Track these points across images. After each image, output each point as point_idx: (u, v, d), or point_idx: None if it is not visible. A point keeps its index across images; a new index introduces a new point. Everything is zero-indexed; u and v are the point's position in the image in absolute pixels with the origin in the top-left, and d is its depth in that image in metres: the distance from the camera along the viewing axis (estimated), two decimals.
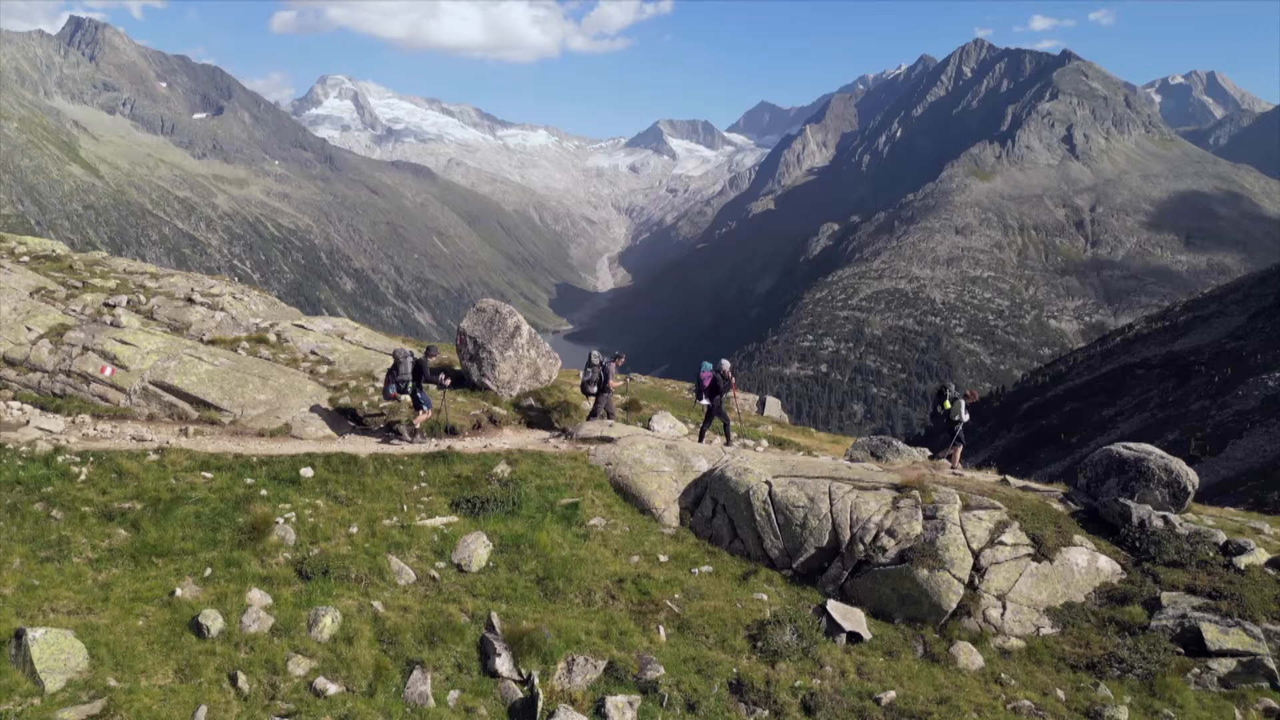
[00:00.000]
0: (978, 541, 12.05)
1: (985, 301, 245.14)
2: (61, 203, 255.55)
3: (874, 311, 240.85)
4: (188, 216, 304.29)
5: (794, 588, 12.48)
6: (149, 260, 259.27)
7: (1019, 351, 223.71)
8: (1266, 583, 11.03)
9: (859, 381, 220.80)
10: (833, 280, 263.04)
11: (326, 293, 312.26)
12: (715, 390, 18.51)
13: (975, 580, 11.64)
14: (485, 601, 11.31)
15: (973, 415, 19.66)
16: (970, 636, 11.16)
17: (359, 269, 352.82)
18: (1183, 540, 12.03)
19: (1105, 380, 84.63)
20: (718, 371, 18.45)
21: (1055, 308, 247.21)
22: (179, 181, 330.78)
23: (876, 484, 13.65)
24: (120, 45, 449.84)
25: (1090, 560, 11.98)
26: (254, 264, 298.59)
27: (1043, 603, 11.50)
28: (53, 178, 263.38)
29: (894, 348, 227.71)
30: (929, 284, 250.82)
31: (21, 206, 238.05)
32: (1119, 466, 14.01)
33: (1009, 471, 57.67)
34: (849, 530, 12.66)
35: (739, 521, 13.68)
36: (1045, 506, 13.26)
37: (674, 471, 15.39)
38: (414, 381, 17.40)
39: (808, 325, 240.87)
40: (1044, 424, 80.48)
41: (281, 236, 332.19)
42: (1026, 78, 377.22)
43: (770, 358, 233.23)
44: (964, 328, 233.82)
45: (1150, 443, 51.51)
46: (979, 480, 15.19)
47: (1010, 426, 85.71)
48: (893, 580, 11.90)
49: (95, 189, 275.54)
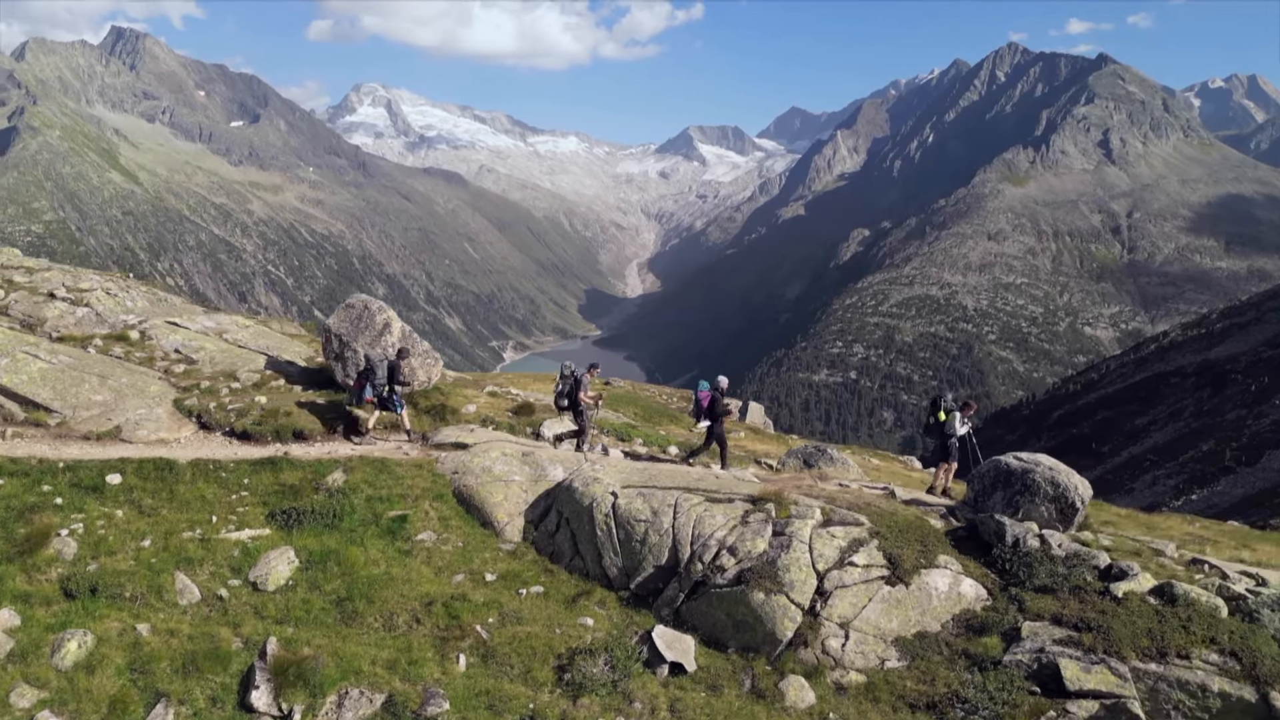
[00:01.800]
0: (825, 561, 10.92)
1: (1018, 308, 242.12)
2: (101, 209, 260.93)
3: (905, 318, 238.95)
4: (224, 223, 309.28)
5: (628, 611, 11.48)
6: (185, 266, 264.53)
7: (1053, 359, 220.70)
8: (1143, 613, 9.67)
9: (889, 389, 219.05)
10: (863, 286, 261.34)
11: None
12: (715, 411, 17.33)
13: (817, 605, 10.48)
14: (271, 624, 10.36)
15: (1002, 425, 18.64)
16: (805, 669, 10.02)
17: (391, 274, 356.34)
18: (1058, 563, 10.79)
19: (1138, 388, 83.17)
20: (716, 390, 17.28)
21: (1090, 315, 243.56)
22: (215, 188, 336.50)
23: (732, 496, 12.67)
24: (160, 55, 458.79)
25: (952, 584, 10.80)
26: (287, 269, 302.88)
27: (892, 632, 10.31)
28: (93, 184, 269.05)
29: (925, 354, 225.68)
30: (961, 290, 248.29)
31: (63, 213, 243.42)
32: (1006, 479, 12.80)
33: None
34: (689, 547, 11.59)
35: (581, 537, 12.67)
36: (920, 523, 12.16)
37: (525, 481, 14.52)
38: (389, 384, 17.05)
39: (837, 331, 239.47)
40: (1075, 432, 79.29)
41: (315, 242, 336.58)
42: (1061, 82, 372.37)
43: (799, 364, 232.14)
44: (996, 335, 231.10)
45: (1185, 453, 50.64)
46: (862, 492, 14.15)
47: (1040, 435, 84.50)
48: (728, 604, 10.79)
49: (134, 196, 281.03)
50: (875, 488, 15.28)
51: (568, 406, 17.65)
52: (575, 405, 17.54)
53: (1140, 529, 18.65)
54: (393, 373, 17.10)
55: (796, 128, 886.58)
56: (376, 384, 17.11)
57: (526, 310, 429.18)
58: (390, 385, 17.18)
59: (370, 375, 17.08)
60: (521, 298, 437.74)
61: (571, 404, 17.54)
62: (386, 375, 17.01)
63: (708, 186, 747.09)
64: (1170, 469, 61.38)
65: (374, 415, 17.38)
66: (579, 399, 17.40)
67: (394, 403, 17.40)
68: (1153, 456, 64.84)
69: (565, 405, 17.63)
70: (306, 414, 17.62)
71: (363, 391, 17.15)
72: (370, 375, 17.08)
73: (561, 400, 17.55)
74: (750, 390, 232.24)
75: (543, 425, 19.49)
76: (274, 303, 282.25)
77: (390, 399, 17.31)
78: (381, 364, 17.09)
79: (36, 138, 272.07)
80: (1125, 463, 66.93)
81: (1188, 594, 9.80)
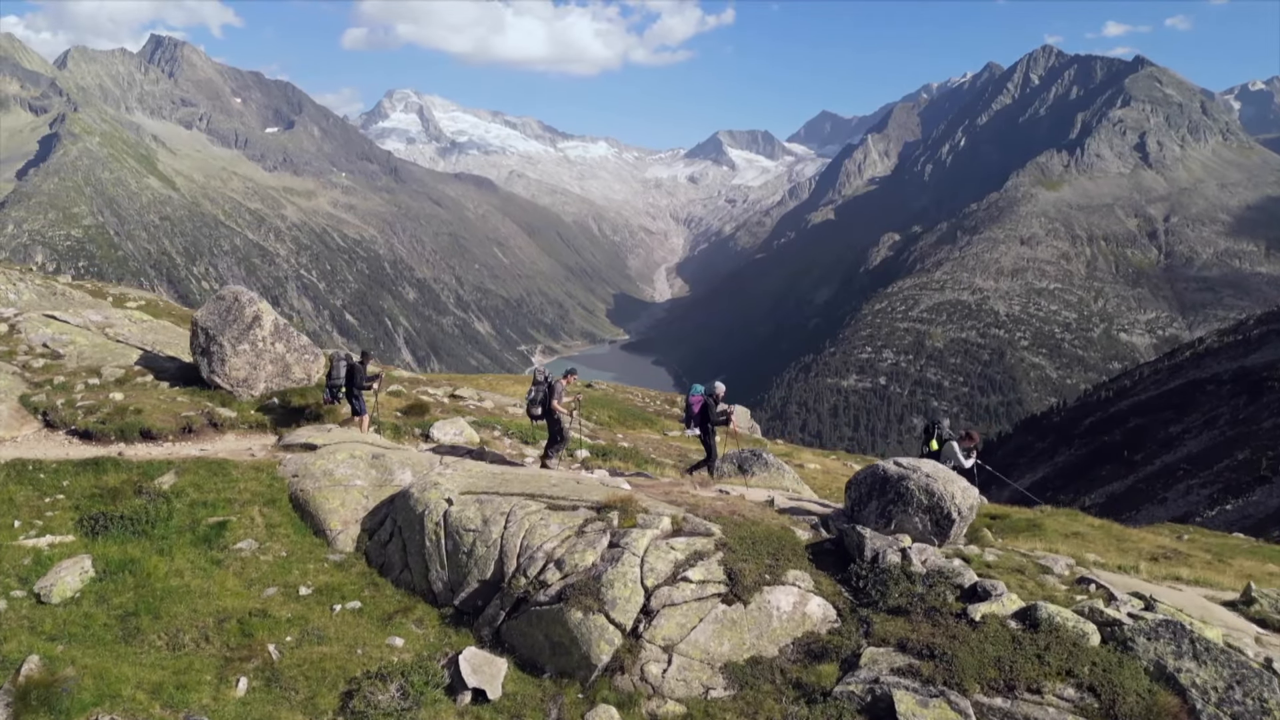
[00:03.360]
0: (656, 576, 9.92)
1: (1051, 314, 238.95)
2: (139, 214, 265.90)
3: (935, 323, 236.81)
4: (258, 227, 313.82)
5: (447, 630, 10.65)
6: (220, 270, 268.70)
7: (1087, 365, 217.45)
8: (998, 640, 8.57)
9: (919, 394, 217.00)
10: (893, 291, 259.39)
11: (389, 302, 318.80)
12: (707, 418, 15.95)
13: (641, 626, 9.47)
14: (42, 641, 9.46)
15: (1032, 432, 17.32)
16: (620, 698, 9.05)
17: (421, 279, 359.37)
18: (916, 581, 9.70)
19: (1172, 396, 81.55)
20: (711, 395, 15.95)
21: (1126, 321, 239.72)
22: (250, 193, 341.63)
23: (577, 503, 11.72)
24: (198, 62, 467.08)
25: (797, 604, 9.71)
26: (320, 273, 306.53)
27: (723, 656, 9.20)
28: (131, 190, 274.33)
29: (956, 360, 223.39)
30: (992, 295, 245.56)
31: (102, 217, 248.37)
32: (881, 486, 11.68)
33: (1062, 491, 55.92)
34: (515, 560, 10.72)
35: (411, 547, 11.74)
36: (782, 534, 11.14)
37: (368, 486, 13.54)
38: (348, 386, 16.54)
39: (866, 337, 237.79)
40: (1106, 440, 77.87)
41: (347, 247, 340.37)
42: (1097, 84, 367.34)
43: (828, 369, 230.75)
44: (1029, 340, 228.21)
45: (1219, 462, 49.47)
46: (739, 500, 13.16)
47: (1070, 443, 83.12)
48: (546, 623, 9.86)
49: (171, 201, 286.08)
50: (761, 495, 14.30)
51: (541, 415, 16.25)
52: (549, 413, 16.20)
53: (1109, 542, 18.09)
54: (351, 374, 16.59)
55: (827, 132, 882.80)
56: (331, 383, 16.63)
57: (555, 315, 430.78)
58: (348, 386, 16.57)
59: (328, 376, 16.73)
60: (550, 302, 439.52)
61: (545, 412, 16.21)
62: (344, 376, 16.51)
63: (737, 191, 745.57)
64: (1204, 478, 60.09)
65: (359, 420, 16.90)
66: (552, 406, 16.05)
67: (354, 405, 16.79)
68: (1186, 465, 63.52)
69: (539, 414, 16.21)
70: (161, 412, 16.55)
71: (324, 392, 16.89)
72: (328, 376, 16.73)
73: (534, 408, 16.17)
74: (778, 395, 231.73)
75: (433, 427, 18.47)
76: (306, 306, 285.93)
77: (352, 401, 16.76)
78: (339, 364, 16.59)
79: (77, 144, 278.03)
80: (1158, 471, 65.64)
81: (1052, 618, 8.68)
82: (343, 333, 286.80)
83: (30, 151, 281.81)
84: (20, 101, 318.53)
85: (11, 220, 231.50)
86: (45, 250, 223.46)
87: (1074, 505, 63.59)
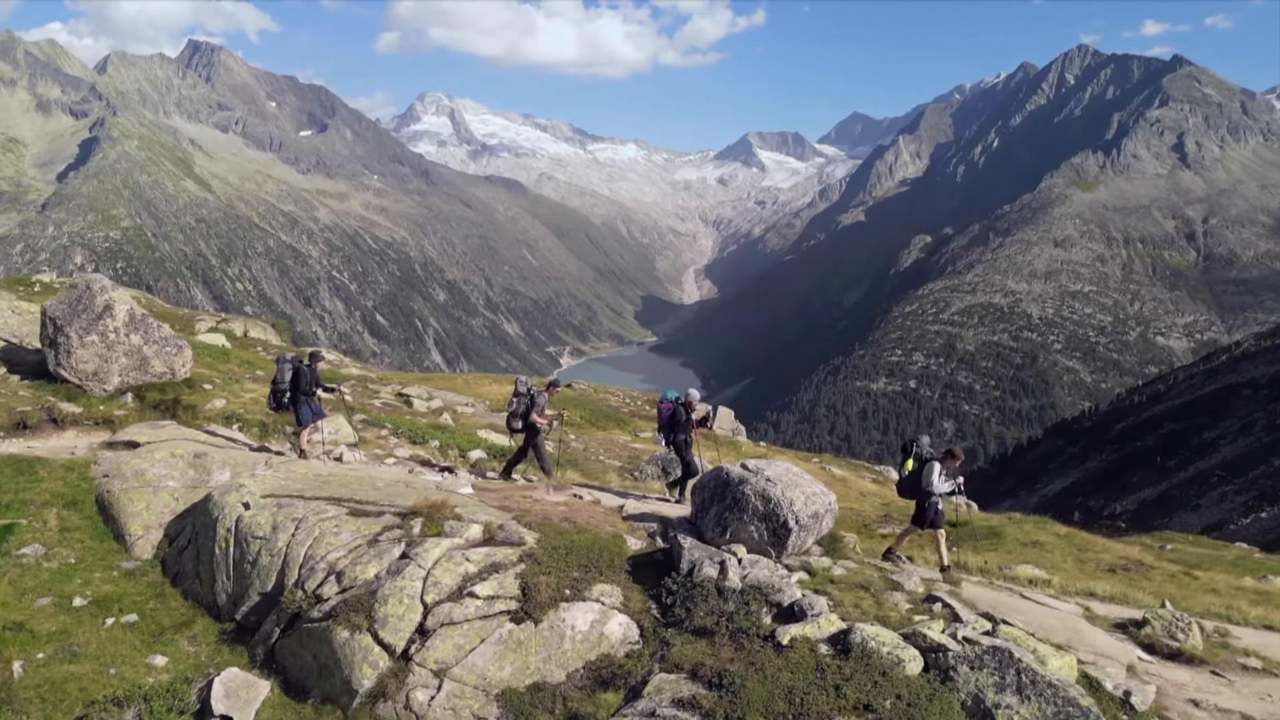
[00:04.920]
0: (439, 591, 8.94)
1: (1086, 317, 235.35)
2: (176, 216, 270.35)
3: (966, 326, 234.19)
4: (291, 229, 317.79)
5: (223, 647, 9.76)
6: (254, 271, 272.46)
7: (1122, 370, 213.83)
8: (799, 667, 7.69)
9: (949, 398, 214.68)
10: (923, 293, 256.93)
11: (420, 303, 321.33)
12: (675, 426, 14.63)
13: (413, 648, 8.53)
14: None
15: (1062, 437, 16.30)
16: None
17: (451, 280, 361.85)
18: (729, 598, 8.76)
19: (1207, 400, 79.91)
20: (683, 402, 14.67)
21: (1163, 324, 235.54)
22: (284, 196, 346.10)
23: (384, 508, 10.86)
24: (234, 67, 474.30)
25: (596, 622, 8.79)
26: (351, 275, 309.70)
27: (501, 682, 8.23)
28: (168, 192, 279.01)
29: (987, 364, 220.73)
30: (1025, 298, 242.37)
31: (139, 220, 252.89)
32: (721, 491, 10.75)
33: (1093, 497, 54.90)
34: (296, 571, 9.84)
35: (203, 555, 10.87)
36: (609, 544, 10.37)
37: (180, 488, 12.54)
38: (292, 391, 14.92)
39: (896, 339, 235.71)
40: (1138, 446, 76.46)
41: (378, 248, 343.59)
42: (1134, 84, 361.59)
43: (857, 372, 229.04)
44: (1063, 344, 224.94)
45: (1255, 469, 48.45)
46: (578, 504, 12.40)
47: (1102, 448, 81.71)
48: (315, 643, 8.93)
49: (207, 203, 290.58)
50: (615, 500, 13.53)
51: (521, 428, 15.31)
52: (528, 426, 15.21)
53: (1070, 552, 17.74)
54: (297, 378, 14.98)
55: (858, 133, 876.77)
56: (277, 389, 14.97)
57: (583, 316, 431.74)
58: (294, 391, 14.93)
59: (274, 380, 15.10)
60: (579, 304, 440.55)
61: (524, 425, 15.23)
62: (289, 379, 14.93)
63: (766, 193, 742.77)
64: (1239, 485, 58.82)
65: (305, 430, 15.28)
66: (532, 420, 15.07)
67: (299, 412, 15.05)
68: (1220, 472, 62.20)
69: (519, 427, 15.28)
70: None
71: (270, 397, 15.36)
72: (274, 380, 15.10)
73: (514, 420, 15.23)
74: (806, 398, 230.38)
75: None
76: (338, 307, 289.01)
77: (298, 407, 15.03)
78: (284, 367, 15.05)
79: (116, 147, 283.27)
80: (1191, 478, 64.33)
81: (866, 643, 7.75)
82: (374, 334, 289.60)
83: (71, 155, 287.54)
84: (61, 106, 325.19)
85: (52, 222, 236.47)
86: (84, 252, 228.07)
87: (1105, 512, 62.59)
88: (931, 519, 12.13)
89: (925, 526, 12.24)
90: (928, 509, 12.12)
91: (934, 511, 12.12)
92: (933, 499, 12.09)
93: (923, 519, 12.20)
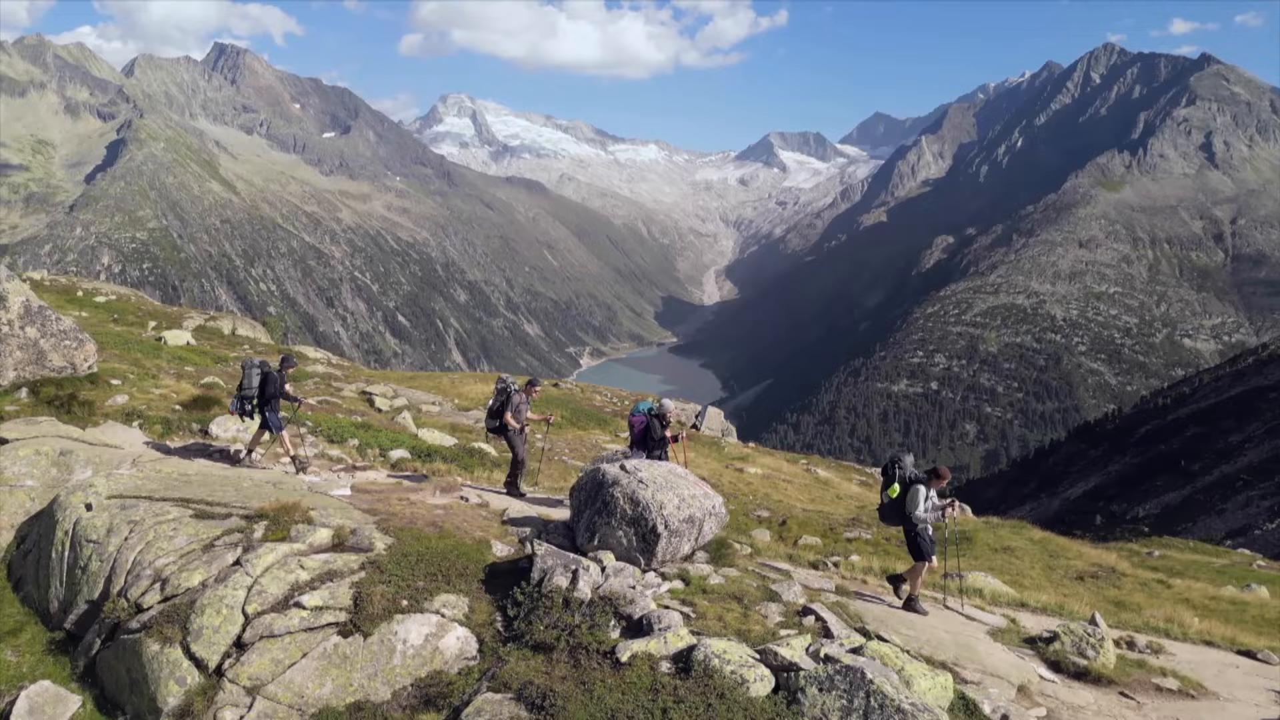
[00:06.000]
0: (263, 601, 8.26)
1: (1111, 318, 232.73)
2: (201, 217, 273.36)
3: (989, 327, 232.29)
4: (314, 230, 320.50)
5: (47, 658, 9.11)
6: (278, 272, 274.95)
7: (1148, 372, 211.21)
8: (631, 687, 7.09)
9: (972, 400, 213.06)
10: (945, 294, 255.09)
11: (441, 304, 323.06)
12: (648, 441, 13.43)
13: (227, 663, 7.83)
14: None
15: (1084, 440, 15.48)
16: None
17: (472, 281, 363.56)
18: (574, 610, 8.15)
19: (1234, 403, 78.65)
20: (656, 414, 13.43)
21: (1190, 326, 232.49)
22: (307, 197, 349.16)
23: (231, 510, 10.20)
24: (259, 69, 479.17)
25: (431, 636, 8.11)
26: (373, 275, 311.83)
27: (320, 700, 7.55)
28: (194, 194, 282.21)
29: (1010, 365, 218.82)
30: (1049, 299, 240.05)
31: (165, 221, 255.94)
32: (594, 494, 10.14)
33: (1115, 501, 54.03)
34: (123, 578, 9.18)
35: (43, 558, 10.24)
36: (470, 550, 9.74)
37: (39, 487, 11.87)
38: (260, 398, 14.00)
39: (918, 341, 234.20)
40: (1162, 449, 75.38)
41: (400, 249, 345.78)
42: (1161, 83, 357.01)
43: (878, 374, 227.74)
44: (1087, 346, 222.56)
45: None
46: (470, 509, 11.70)
47: (1125, 451, 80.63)
48: (128, 656, 8.31)
49: (232, 204, 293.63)
50: (511, 503, 12.91)
51: (497, 429, 14.07)
52: (504, 430, 13.97)
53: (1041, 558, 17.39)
54: (265, 383, 14.03)
55: (880, 133, 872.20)
56: (241, 394, 14.08)
57: (604, 317, 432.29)
58: (261, 398, 14.03)
59: (239, 387, 14.22)
60: (599, 305, 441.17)
61: (500, 428, 14.00)
62: (256, 385, 14.01)
63: (788, 193, 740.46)
64: (1265, 489, 57.86)
65: (275, 438, 14.37)
66: (505, 420, 13.83)
67: (268, 420, 14.10)
68: (1246, 476, 61.21)
69: (496, 427, 14.05)
70: None
71: (233, 404, 14.40)
72: (239, 387, 14.22)
73: (491, 420, 14.05)
74: (827, 400, 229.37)
75: (213, 423, 16.52)
76: (360, 308, 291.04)
77: (265, 415, 14.07)
78: (251, 371, 14.05)
79: (142, 149, 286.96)
80: (1216, 482, 63.35)
81: (709, 661, 7.17)
82: (395, 334, 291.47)
83: (99, 157, 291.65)
84: (89, 108, 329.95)
85: (80, 223, 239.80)
86: (111, 253, 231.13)
87: (1127, 516, 61.79)
88: (918, 548, 10.90)
89: (921, 559, 10.93)
90: (920, 540, 10.90)
91: (927, 541, 10.92)
92: (919, 527, 10.90)
93: (912, 548, 11.00)
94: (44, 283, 47.97)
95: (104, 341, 26.86)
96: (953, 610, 11.24)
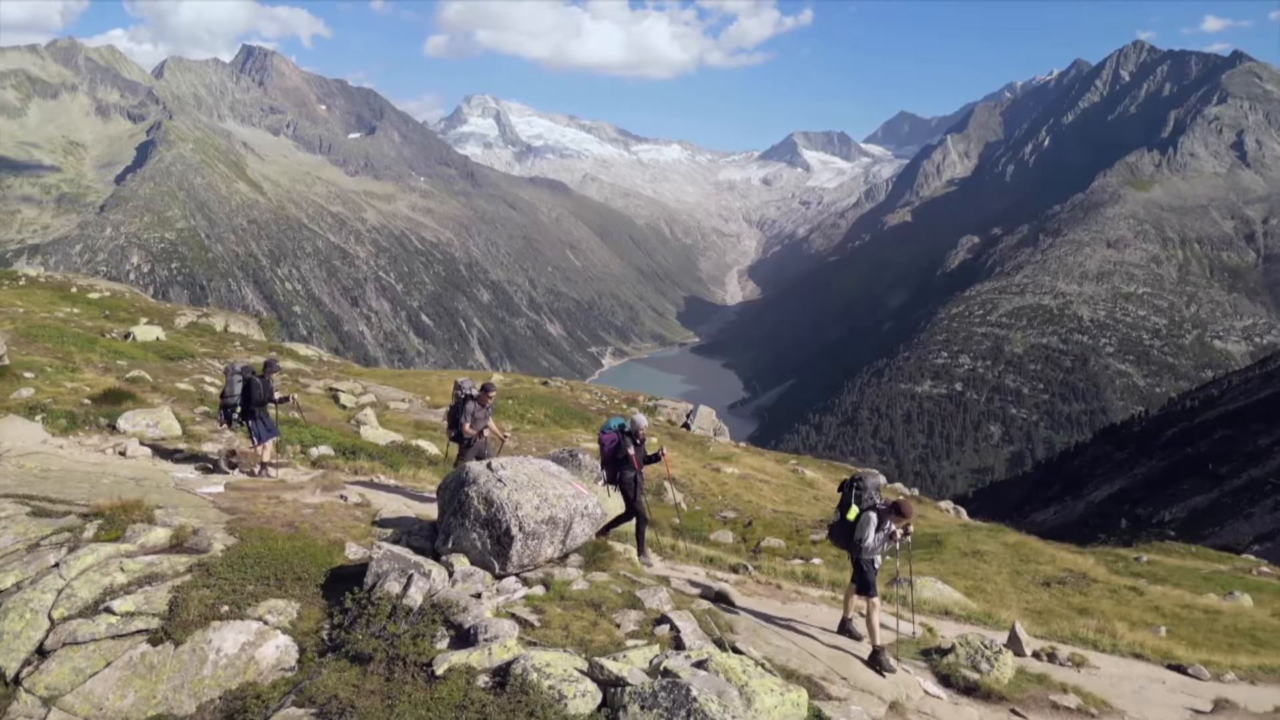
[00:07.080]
0: (71, 606, 7.74)
1: (1139, 319, 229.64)
2: (228, 217, 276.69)
3: (1014, 328, 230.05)
4: (339, 230, 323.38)
5: None
6: (303, 272, 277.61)
7: (1177, 374, 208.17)
8: (437, 704, 6.72)
9: (996, 401, 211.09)
10: (971, 295, 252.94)
11: (464, 304, 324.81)
12: (618, 461, 11.95)
13: (26, 671, 7.38)
14: None
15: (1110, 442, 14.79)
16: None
17: (495, 281, 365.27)
18: (401, 619, 7.64)
19: (1264, 405, 77.29)
20: (628, 431, 11.98)
21: (1220, 327, 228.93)
22: (332, 197, 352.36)
23: (71, 507, 9.70)
24: (286, 71, 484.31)
25: (248, 645, 7.56)
26: (397, 275, 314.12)
27: (120, 713, 7.07)
28: (221, 194, 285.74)
29: (1036, 367, 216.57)
30: (1076, 300, 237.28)
31: (193, 221, 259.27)
32: (454, 494, 9.67)
33: (1141, 505, 53.41)
34: None
35: None
36: (318, 553, 9.24)
37: None
38: (244, 405, 13.35)
39: (942, 341, 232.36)
40: (1189, 452, 74.22)
41: (424, 249, 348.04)
42: (1191, 81, 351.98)
43: (901, 375, 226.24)
44: (1115, 347, 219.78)
45: None
46: (343, 510, 11.14)
47: (1151, 454, 79.49)
48: None
49: (258, 205, 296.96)
50: (390, 499, 12.24)
51: (455, 437, 13.03)
52: (460, 438, 12.88)
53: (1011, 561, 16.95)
54: (249, 389, 13.35)
55: (905, 133, 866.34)
56: (226, 402, 13.46)
57: (626, 317, 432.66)
58: (244, 405, 13.37)
59: (223, 393, 13.58)
60: (621, 305, 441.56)
61: (457, 437, 12.93)
62: (238, 393, 13.37)
63: (811, 193, 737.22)
64: None
65: (261, 447, 13.64)
66: (462, 429, 12.74)
67: (251, 428, 13.45)
68: (1275, 480, 60.18)
69: (455, 436, 13.05)
70: None
71: (219, 411, 13.82)
72: (223, 393, 13.58)
73: (451, 429, 13.12)
74: (849, 401, 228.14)
75: (121, 417, 15.81)
76: (384, 307, 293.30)
77: (249, 422, 13.44)
78: (234, 378, 13.41)
79: (171, 150, 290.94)
80: (1244, 485, 62.32)
81: (526, 675, 6.67)
82: (419, 334, 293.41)
83: (128, 157, 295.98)
84: (120, 110, 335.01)
85: (110, 223, 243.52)
86: (140, 252, 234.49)
87: (1153, 520, 60.92)
88: (870, 582, 9.48)
89: (866, 592, 9.56)
90: (865, 571, 9.53)
91: (873, 572, 9.51)
92: (865, 557, 9.52)
93: (864, 582, 9.56)
94: (39, 280, 48.72)
95: (37, 335, 26.53)
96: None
